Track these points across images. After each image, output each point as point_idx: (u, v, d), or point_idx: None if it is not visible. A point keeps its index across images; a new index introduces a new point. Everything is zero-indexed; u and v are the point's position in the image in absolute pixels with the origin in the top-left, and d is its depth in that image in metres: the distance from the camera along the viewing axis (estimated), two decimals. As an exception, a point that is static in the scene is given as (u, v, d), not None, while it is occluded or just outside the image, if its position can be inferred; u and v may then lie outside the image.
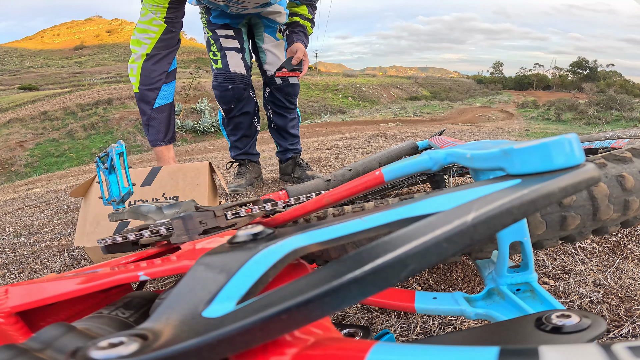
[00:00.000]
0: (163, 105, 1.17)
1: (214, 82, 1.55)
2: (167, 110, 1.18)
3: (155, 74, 1.15)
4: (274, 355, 0.18)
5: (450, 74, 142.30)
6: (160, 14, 1.14)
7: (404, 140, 3.04)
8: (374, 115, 13.12)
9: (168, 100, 1.19)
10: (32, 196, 2.25)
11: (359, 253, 0.18)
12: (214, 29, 1.52)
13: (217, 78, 1.53)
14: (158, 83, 1.16)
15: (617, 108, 11.83)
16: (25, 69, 43.59)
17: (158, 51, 1.15)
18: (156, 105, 1.16)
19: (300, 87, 1.69)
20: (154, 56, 1.14)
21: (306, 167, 1.72)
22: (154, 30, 1.14)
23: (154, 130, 1.17)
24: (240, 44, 1.53)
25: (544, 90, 50.54)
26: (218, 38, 1.51)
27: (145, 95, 1.15)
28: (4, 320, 0.32)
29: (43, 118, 12.53)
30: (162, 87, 1.17)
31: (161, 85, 1.17)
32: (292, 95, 1.64)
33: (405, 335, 0.57)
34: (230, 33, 1.51)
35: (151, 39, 1.14)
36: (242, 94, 1.54)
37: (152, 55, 1.14)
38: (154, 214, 0.61)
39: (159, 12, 1.13)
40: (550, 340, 0.24)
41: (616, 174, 0.45)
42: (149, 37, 1.14)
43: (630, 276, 0.67)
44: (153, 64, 1.15)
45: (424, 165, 0.42)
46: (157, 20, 1.14)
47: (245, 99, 1.58)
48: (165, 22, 1.15)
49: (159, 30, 1.14)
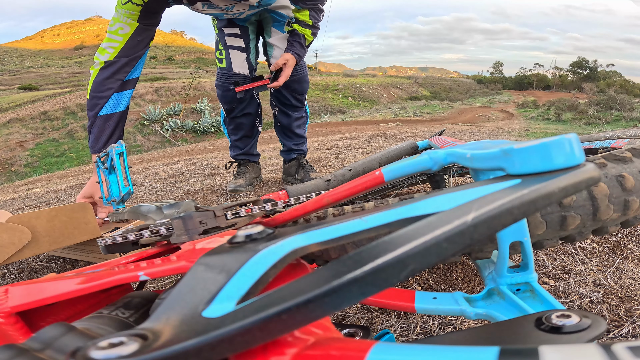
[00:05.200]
0: (109, 113, 1.15)
1: (217, 81, 1.54)
2: (114, 119, 1.15)
3: (107, 83, 1.14)
4: (274, 355, 0.18)
5: (450, 74, 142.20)
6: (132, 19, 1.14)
7: (404, 140, 3.04)
8: (374, 115, 13.12)
9: (116, 110, 1.16)
10: (32, 196, 2.25)
11: (359, 253, 0.18)
12: (221, 27, 1.51)
13: (220, 77, 1.52)
14: (108, 92, 1.14)
15: (617, 108, 11.83)
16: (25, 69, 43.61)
17: (117, 59, 1.14)
18: (101, 113, 1.14)
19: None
20: (111, 64, 1.14)
21: (310, 169, 1.69)
22: (118, 40, 1.14)
23: (93, 137, 1.14)
24: (245, 43, 1.51)
25: (544, 90, 50.52)
26: (224, 36, 1.50)
27: (92, 102, 1.14)
28: (4, 320, 0.32)
29: (43, 118, 12.53)
30: (112, 96, 1.15)
31: (111, 94, 1.15)
32: (299, 92, 1.60)
33: (405, 335, 0.56)
34: (236, 31, 1.50)
35: (114, 48, 1.14)
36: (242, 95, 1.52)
37: (110, 63, 1.14)
38: (153, 214, 0.61)
39: (130, 18, 1.14)
40: (550, 340, 0.24)
41: (616, 174, 0.45)
42: (112, 46, 1.14)
43: (630, 276, 0.67)
44: (108, 72, 1.14)
45: (424, 165, 0.42)
46: (126, 26, 1.14)
47: (247, 100, 1.56)
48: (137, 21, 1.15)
49: (123, 40, 1.14)
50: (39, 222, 0.84)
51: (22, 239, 0.81)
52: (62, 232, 0.86)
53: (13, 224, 0.81)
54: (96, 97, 1.13)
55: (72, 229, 0.88)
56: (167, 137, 11.59)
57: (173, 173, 2.33)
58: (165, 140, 11.42)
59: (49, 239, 0.85)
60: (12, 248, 0.80)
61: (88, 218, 0.90)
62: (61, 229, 0.86)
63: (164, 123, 12.17)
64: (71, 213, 0.88)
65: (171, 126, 11.99)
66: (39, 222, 0.84)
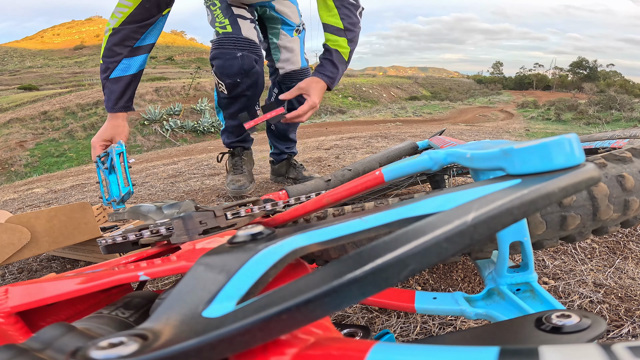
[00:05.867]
0: (119, 76, 1.15)
1: (216, 50, 1.26)
2: (124, 81, 1.16)
3: (116, 49, 1.14)
4: (274, 355, 0.18)
5: (450, 74, 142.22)
6: None
7: (404, 140, 3.04)
8: (374, 115, 13.12)
9: (126, 72, 1.16)
10: (32, 196, 2.25)
11: (359, 253, 0.18)
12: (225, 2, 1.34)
13: (223, 43, 1.25)
14: (118, 57, 1.14)
15: (617, 108, 11.83)
16: (25, 69, 43.59)
17: (124, 26, 1.13)
18: (112, 76, 1.15)
19: None
20: (119, 32, 1.13)
21: (301, 168, 1.67)
22: (127, 5, 1.12)
23: (106, 97, 1.17)
24: (253, 17, 1.35)
25: (544, 90, 50.53)
26: (229, 6, 1.32)
27: (104, 66, 1.15)
28: (4, 320, 0.32)
29: (43, 118, 12.54)
30: (121, 61, 1.14)
31: (121, 59, 1.14)
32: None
33: (405, 335, 0.56)
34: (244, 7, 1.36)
35: (123, 14, 1.12)
36: (252, 65, 1.27)
37: (117, 30, 1.13)
38: (153, 214, 0.61)
39: None
40: (550, 340, 0.24)
41: (616, 174, 0.45)
42: (121, 11, 1.12)
43: (630, 276, 0.67)
44: (116, 38, 1.13)
45: (424, 165, 0.42)
46: None
47: (255, 75, 1.30)
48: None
49: (132, 5, 1.11)
50: (38, 222, 0.84)
51: (22, 239, 0.81)
52: (62, 232, 0.86)
53: (13, 224, 0.81)
54: (107, 61, 1.15)
55: (72, 229, 0.88)
56: (167, 137, 11.60)
57: (173, 173, 2.33)
58: (165, 140, 11.43)
59: (48, 239, 0.85)
60: (11, 248, 0.80)
61: (88, 218, 0.90)
62: (61, 229, 0.86)
63: (164, 123, 12.18)
64: (71, 213, 0.88)
65: (171, 126, 11.99)
66: (38, 222, 0.84)
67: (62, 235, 0.87)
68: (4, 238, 0.79)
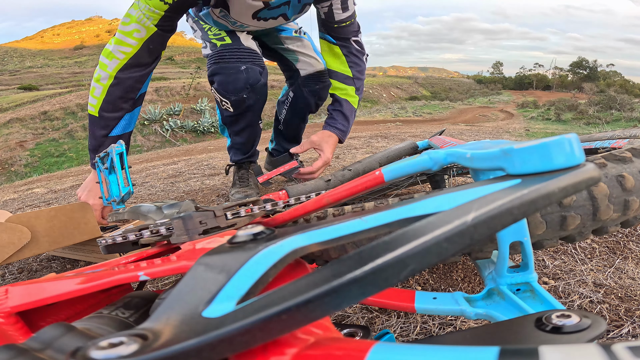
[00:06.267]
0: (120, 134, 1.03)
1: (217, 64, 1.13)
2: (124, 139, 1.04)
3: (120, 102, 1.00)
4: (274, 355, 0.18)
5: (450, 74, 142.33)
6: (153, 20, 0.97)
7: (404, 140, 3.04)
8: (374, 115, 13.11)
9: (126, 130, 1.04)
10: (32, 196, 2.25)
11: (359, 253, 0.18)
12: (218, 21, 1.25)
13: (224, 56, 1.12)
14: (120, 112, 1.01)
15: (617, 108, 11.83)
16: (25, 69, 43.64)
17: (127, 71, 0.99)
18: (112, 134, 1.02)
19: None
20: (122, 81, 0.98)
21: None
22: (131, 45, 0.97)
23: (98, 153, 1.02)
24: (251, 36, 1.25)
25: (544, 90, 50.53)
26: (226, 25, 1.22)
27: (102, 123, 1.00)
28: (4, 320, 0.32)
29: (43, 118, 12.53)
30: (124, 117, 1.02)
31: (123, 115, 1.01)
32: (323, 99, 1.40)
33: (405, 335, 0.56)
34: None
35: (125, 55, 0.97)
36: (258, 79, 1.15)
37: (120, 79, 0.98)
38: (153, 214, 0.61)
39: (151, 18, 0.96)
40: (550, 340, 0.24)
41: (616, 174, 0.45)
42: (123, 51, 0.97)
43: (630, 276, 0.67)
44: (120, 90, 0.99)
45: (424, 165, 0.42)
46: (143, 29, 0.97)
47: (262, 88, 1.18)
48: (156, 26, 0.98)
49: (137, 45, 0.97)
50: (38, 222, 0.84)
51: (22, 239, 0.81)
52: (62, 232, 0.86)
53: (13, 224, 0.81)
54: (107, 117, 1.00)
55: (72, 229, 0.88)
56: (167, 137, 11.59)
57: (173, 173, 2.33)
58: (165, 140, 11.42)
59: (48, 239, 0.85)
60: (11, 248, 0.80)
61: (88, 218, 0.90)
62: (61, 229, 0.86)
63: (164, 123, 12.17)
64: (71, 213, 0.88)
65: (171, 126, 11.99)
66: (38, 222, 0.84)
67: (62, 235, 0.87)
68: (4, 238, 0.79)
